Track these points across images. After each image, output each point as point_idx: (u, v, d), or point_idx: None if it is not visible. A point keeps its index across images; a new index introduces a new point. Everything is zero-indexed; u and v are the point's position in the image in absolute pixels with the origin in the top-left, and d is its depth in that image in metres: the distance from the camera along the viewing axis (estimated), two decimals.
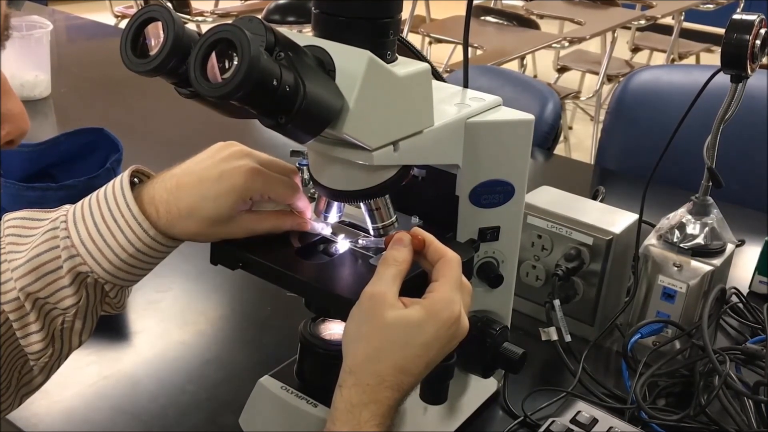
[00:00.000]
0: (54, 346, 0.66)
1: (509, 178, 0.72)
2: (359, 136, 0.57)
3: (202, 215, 0.64)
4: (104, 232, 0.63)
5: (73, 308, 0.65)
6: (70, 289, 0.64)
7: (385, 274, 0.60)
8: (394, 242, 0.62)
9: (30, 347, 0.65)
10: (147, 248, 0.64)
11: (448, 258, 0.62)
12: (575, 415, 0.76)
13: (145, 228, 0.63)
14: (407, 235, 0.62)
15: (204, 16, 3.65)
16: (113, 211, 0.63)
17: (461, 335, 0.62)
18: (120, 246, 0.63)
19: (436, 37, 3.23)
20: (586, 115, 4.13)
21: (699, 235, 0.88)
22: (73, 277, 0.63)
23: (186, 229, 0.64)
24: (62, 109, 1.64)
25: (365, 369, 0.58)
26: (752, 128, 1.43)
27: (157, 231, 0.63)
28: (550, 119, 1.58)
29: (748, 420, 0.77)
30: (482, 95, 0.72)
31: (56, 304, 0.64)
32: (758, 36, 0.78)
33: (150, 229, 0.63)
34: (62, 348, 0.67)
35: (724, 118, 0.85)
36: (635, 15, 3.74)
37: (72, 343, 0.67)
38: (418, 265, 0.63)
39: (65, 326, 0.66)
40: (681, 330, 0.87)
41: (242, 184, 0.64)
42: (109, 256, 0.63)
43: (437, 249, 0.62)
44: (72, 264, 0.63)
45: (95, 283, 0.65)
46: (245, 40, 0.48)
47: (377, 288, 0.59)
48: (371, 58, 0.54)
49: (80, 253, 0.63)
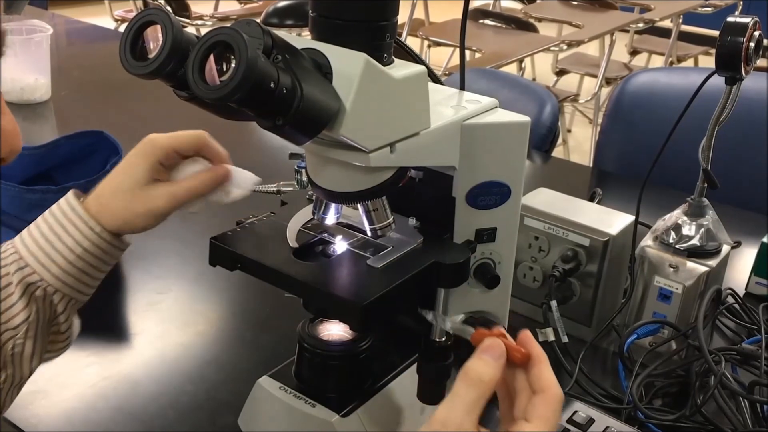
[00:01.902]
0: (6, 372, 0.66)
1: (506, 180, 0.72)
2: (356, 137, 0.57)
3: (123, 189, 0.68)
4: (51, 238, 0.66)
5: (23, 326, 0.65)
6: (20, 303, 0.65)
7: (465, 397, 0.48)
8: (484, 351, 0.50)
9: None
10: (94, 247, 0.67)
11: (551, 395, 0.50)
12: (572, 415, 0.77)
13: (91, 225, 0.67)
14: (501, 344, 0.50)
15: (203, 19, 3.66)
16: (59, 218, 0.67)
17: None
18: (67, 247, 0.66)
19: (435, 40, 3.24)
20: (585, 118, 4.14)
21: (695, 236, 0.89)
22: (23, 289, 0.65)
23: (115, 210, 0.68)
24: (62, 112, 1.65)
25: None
26: (749, 130, 1.43)
27: (102, 227, 0.67)
28: (548, 122, 1.59)
29: (744, 420, 0.78)
30: (479, 97, 0.72)
31: (6, 323, 0.65)
32: (752, 38, 0.79)
33: (96, 226, 0.67)
34: (14, 374, 0.67)
35: (719, 119, 0.85)
36: (633, 18, 3.75)
37: (23, 369, 0.67)
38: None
39: (15, 350, 0.66)
40: (677, 330, 0.88)
41: (148, 145, 0.70)
42: (57, 259, 0.66)
43: (542, 376, 0.50)
44: (21, 275, 0.65)
45: (44, 296, 0.66)
46: (242, 43, 0.48)
47: (452, 415, 0.48)
48: (368, 60, 0.55)
49: (29, 263, 0.66)
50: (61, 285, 0.67)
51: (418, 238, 0.71)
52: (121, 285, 1.02)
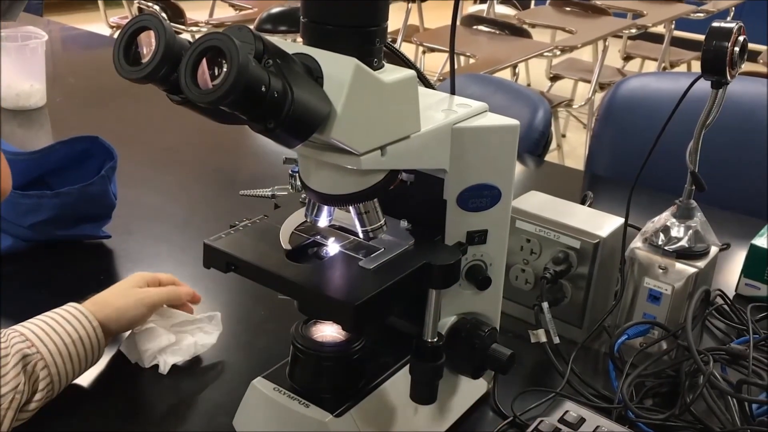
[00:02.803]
0: None
1: (496, 183, 0.74)
2: (347, 140, 0.58)
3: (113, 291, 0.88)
4: (51, 323, 0.79)
5: (10, 395, 0.70)
6: (13, 371, 0.71)
7: None
8: None
9: None
10: (86, 335, 0.80)
11: None
12: (563, 415, 0.77)
13: (90, 319, 0.81)
14: None
15: (199, 26, 3.67)
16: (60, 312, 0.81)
17: None
18: (66, 331, 0.79)
19: (429, 46, 3.25)
20: (579, 123, 4.16)
21: (683, 237, 0.90)
22: (18, 359, 0.73)
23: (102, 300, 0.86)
24: (57, 118, 1.66)
25: None
26: (737, 134, 1.45)
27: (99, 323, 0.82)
28: (540, 126, 1.60)
29: (732, 418, 0.79)
30: (469, 101, 0.73)
31: None
32: (737, 43, 0.80)
33: (94, 321, 0.81)
34: None
35: (705, 123, 0.87)
36: (626, 24, 3.78)
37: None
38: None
39: None
40: (667, 331, 0.89)
41: (149, 308, 0.88)
42: (55, 338, 0.77)
43: None
44: (20, 347, 0.74)
45: (33, 372, 0.74)
46: (234, 48, 0.49)
47: None
48: (358, 65, 0.56)
49: (29, 338, 0.75)
50: (51, 361, 0.76)
51: (409, 240, 0.72)
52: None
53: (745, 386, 0.80)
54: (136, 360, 0.87)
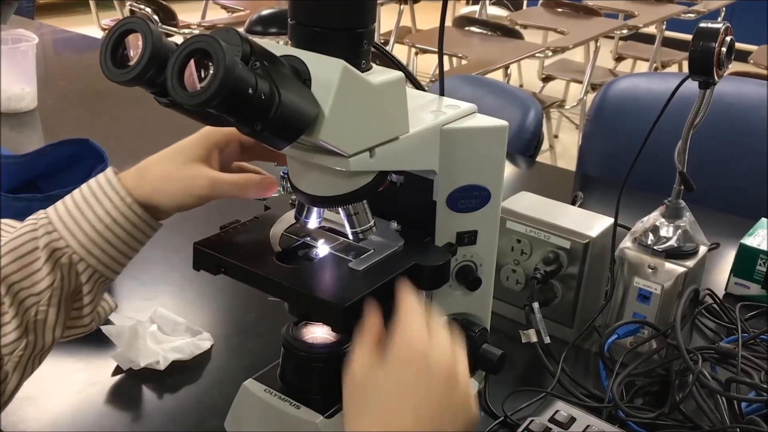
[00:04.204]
0: (28, 338, 0.66)
1: (485, 183, 0.74)
2: (335, 142, 0.58)
3: (168, 158, 0.69)
4: (82, 206, 0.66)
5: (47, 291, 0.65)
6: (46, 267, 0.65)
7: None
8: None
9: (4, 337, 0.65)
10: (123, 218, 0.66)
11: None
12: (554, 414, 0.78)
13: (122, 195, 0.66)
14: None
15: (191, 28, 3.67)
16: (93, 188, 0.67)
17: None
18: (96, 216, 0.66)
19: (422, 47, 3.26)
20: (571, 124, 4.17)
21: (672, 237, 0.91)
22: (48, 254, 0.65)
23: (152, 176, 0.68)
24: (48, 121, 1.65)
25: None
26: (726, 134, 1.46)
27: (133, 199, 0.66)
28: (531, 127, 1.60)
29: (722, 417, 0.79)
30: (458, 103, 0.74)
31: (30, 288, 0.65)
32: (724, 43, 0.81)
33: (126, 197, 0.66)
34: (36, 341, 0.67)
35: (693, 123, 0.87)
36: (618, 24, 3.79)
37: (45, 337, 0.67)
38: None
39: (39, 317, 0.66)
40: (656, 330, 0.89)
41: (210, 128, 0.69)
42: (84, 226, 0.65)
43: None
44: (48, 239, 0.65)
45: (70, 264, 0.66)
46: (220, 50, 0.49)
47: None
48: (345, 67, 0.56)
49: (57, 228, 0.65)
50: (85, 254, 0.66)
51: (399, 242, 0.73)
52: (108, 291, 1.03)
53: (734, 385, 0.81)
54: (128, 366, 0.87)
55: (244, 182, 0.70)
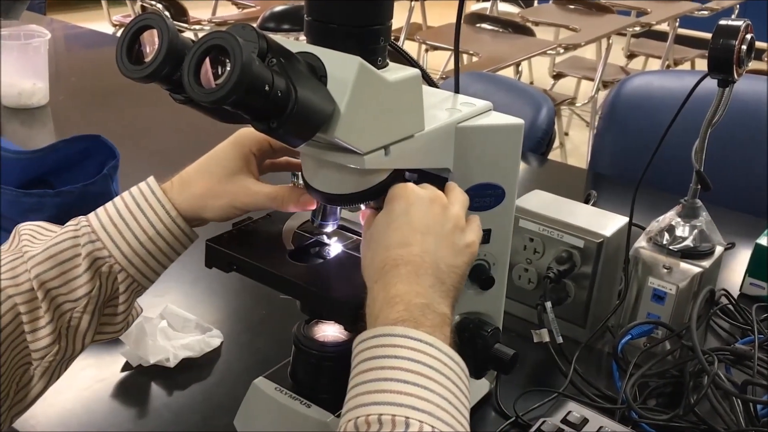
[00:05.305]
0: (60, 344, 0.66)
1: (500, 182, 0.73)
2: (350, 140, 0.58)
3: (210, 172, 0.68)
4: (126, 216, 0.66)
5: (84, 299, 0.65)
6: (86, 275, 0.65)
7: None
8: None
9: (37, 342, 0.65)
10: (166, 231, 0.67)
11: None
12: (566, 415, 0.77)
13: (168, 209, 0.67)
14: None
15: (201, 24, 3.67)
16: (137, 198, 0.67)
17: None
18: (140, 227, 0.66)
19: (432, 44, 3.25)
20: (582, 121, 4.15)
21: (688, 237, 0.90)
22: (90, 263, 0.65)
23: (196, 191, 0.68)
24: (60, 116, 1.65)
25: None
26: (743, 133, 1.44)
27: (178, 213, 0.67)
28: (543, 125, 1.60)
29: (737, 419, 0.78)
30: (473, 100, 0.73)
31: (68, 294, 0.65)
32: (744, 41, 0.80)
33: (172, 210, 0.67)
34: (67, 348, 0.67)
35: (711, 122, 0.86)
36: (630, 21, 3.77)
37: (76, 344, 0.68)
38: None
39: (72, 323, 0.66)
40: (671, 331, 0.88)
41: (241, 133, 0.69)
42: (128, 237, 0.66)
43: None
44: (91, 248, 0.65)
45: (109, 273, 0.66)
46: (237, 47, 0.49)
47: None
48: (362, 63, 0.56)
49: (100, 237, 0.65)
50: (127, 264, 0.66)
51: None
52: None
53: (750, 387, 0.80)
54: (138, 363, 0.87)
55: (285, 195, 0.70)
